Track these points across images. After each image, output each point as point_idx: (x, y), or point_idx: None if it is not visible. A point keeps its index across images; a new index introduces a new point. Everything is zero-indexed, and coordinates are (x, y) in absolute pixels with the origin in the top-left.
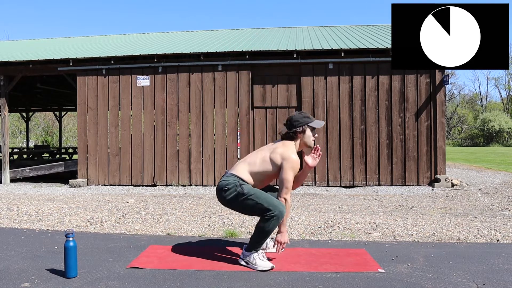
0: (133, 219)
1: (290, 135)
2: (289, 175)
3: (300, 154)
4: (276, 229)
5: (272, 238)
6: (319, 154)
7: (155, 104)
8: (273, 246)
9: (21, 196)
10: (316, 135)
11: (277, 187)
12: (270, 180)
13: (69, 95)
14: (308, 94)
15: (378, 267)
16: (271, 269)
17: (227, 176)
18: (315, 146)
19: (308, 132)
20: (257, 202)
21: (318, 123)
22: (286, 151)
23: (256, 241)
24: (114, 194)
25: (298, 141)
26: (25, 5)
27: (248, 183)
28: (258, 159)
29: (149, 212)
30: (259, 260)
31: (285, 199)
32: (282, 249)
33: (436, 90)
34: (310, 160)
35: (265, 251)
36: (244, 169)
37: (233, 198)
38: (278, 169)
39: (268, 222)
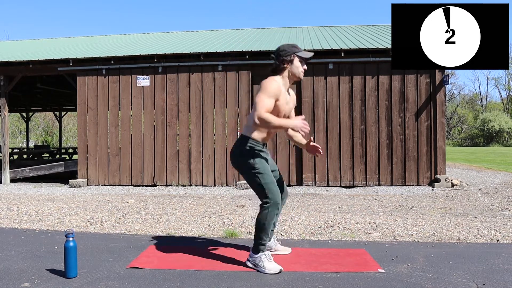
0: (133, 219)
1: (277, 67)
2: (260, 97)
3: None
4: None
5: (278, 240)
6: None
7: (155, 104)
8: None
9: (21, 196)
10: (305, 67)
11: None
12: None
13: (69, 95)
14: (308, 94)
15: (378, 267)
16: (279, 272)
17: (240, 140)
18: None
19: (296, 62)
20: (261, 183)
21: (306, 54)
22: (265, 81)
23: (258, 238)
24: (114, 194)
25: (286, 73)
26: (25, 5)
27: (258, 140)
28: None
29: (149, 212)
30: (267, 262)
31: (260, 118)
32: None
33: (436, 90)
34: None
35: (272, 252)
36: (248, 127)
37: (245, 166)
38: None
39: (264, 213)
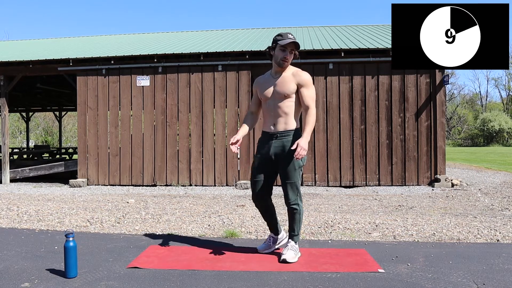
0: (133, 219)
1: (267, 53)
2: None
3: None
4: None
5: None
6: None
7: (155, 104)
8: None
9: (21, 196)
10: (287, 56)
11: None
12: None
13: (69, 95)
14: None
15: (378, 267)
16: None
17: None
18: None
19: (277, 50)
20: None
21: (284, 41)
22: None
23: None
24: (114, 194)
25: (273, 59)
26: (25, 5)
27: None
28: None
29: (149, 212)
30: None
31: None
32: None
33: (436, 90)
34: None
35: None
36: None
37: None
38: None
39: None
